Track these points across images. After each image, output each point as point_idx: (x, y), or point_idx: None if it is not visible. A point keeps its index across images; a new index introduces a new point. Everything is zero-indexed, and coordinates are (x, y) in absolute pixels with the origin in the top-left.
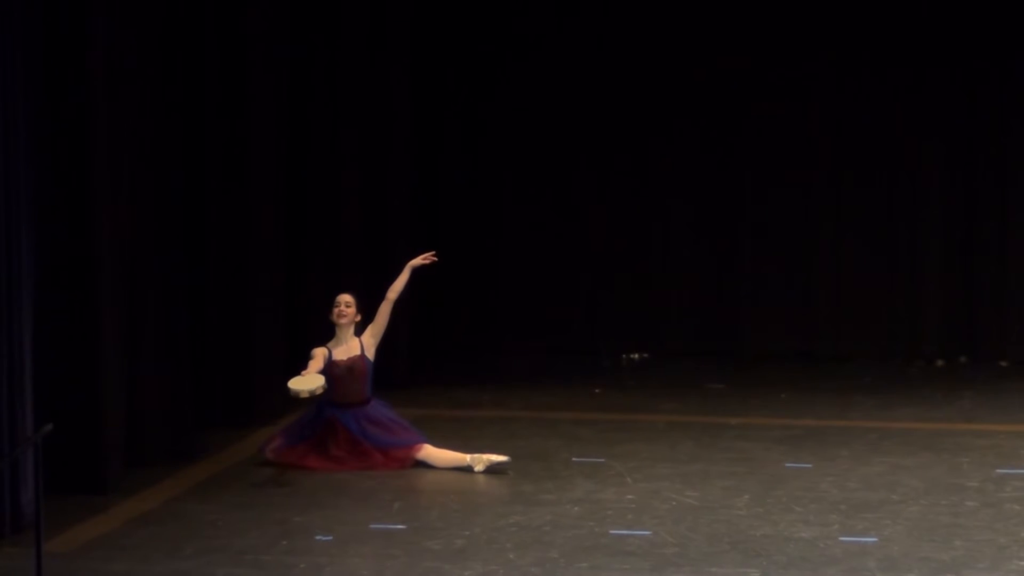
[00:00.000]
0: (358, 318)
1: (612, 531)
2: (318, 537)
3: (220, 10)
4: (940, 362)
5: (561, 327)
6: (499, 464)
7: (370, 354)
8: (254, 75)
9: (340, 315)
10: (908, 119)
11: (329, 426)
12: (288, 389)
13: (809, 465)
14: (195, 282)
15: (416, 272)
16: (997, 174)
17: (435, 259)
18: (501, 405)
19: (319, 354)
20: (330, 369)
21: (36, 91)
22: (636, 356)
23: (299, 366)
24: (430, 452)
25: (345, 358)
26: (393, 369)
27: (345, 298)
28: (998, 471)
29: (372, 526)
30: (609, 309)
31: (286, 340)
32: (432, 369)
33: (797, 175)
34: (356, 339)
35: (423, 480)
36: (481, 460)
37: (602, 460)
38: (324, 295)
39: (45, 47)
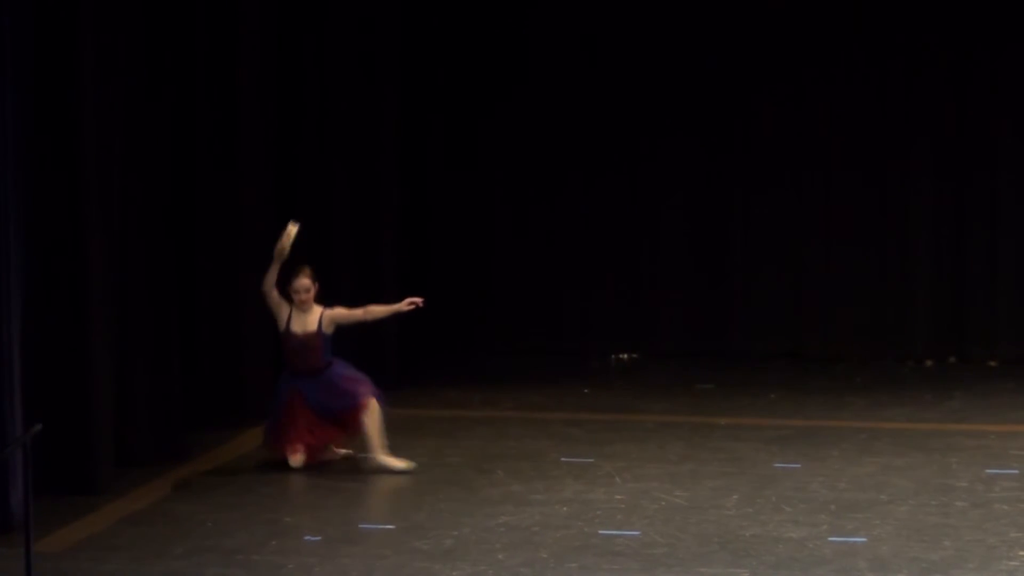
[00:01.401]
0: (317, 288)
1: (601, 531)
2: (307, 537)
3: (210, 12)
4: (929, 362)
5: (551, 328)
6: (396, 469)
7: (328, 331)
8: (244, 77)
9: (302, 302)
10: (897, 120)
11: (290, 408)
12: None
13: (798, 465)
14: (185, 282)
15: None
16: (987, 174)
17: (421, 306)
18: (491, 405)
19: (275, 299)
20: (285, 339)
21: (26, 92)
22: (626, 357)
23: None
24: (367, 423)
25: (301, 332)
26: (383, 370)
27: (303, 283)
28: (987, 471)
29: (361, 526)
30: (599, 309)
31: (276, 340)
32: (422, 369)
33: (786, 176)
34: (317, 311)
35: (412, 480)
36: (378, 461)
37: (592, 460)
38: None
39: (35, 51)
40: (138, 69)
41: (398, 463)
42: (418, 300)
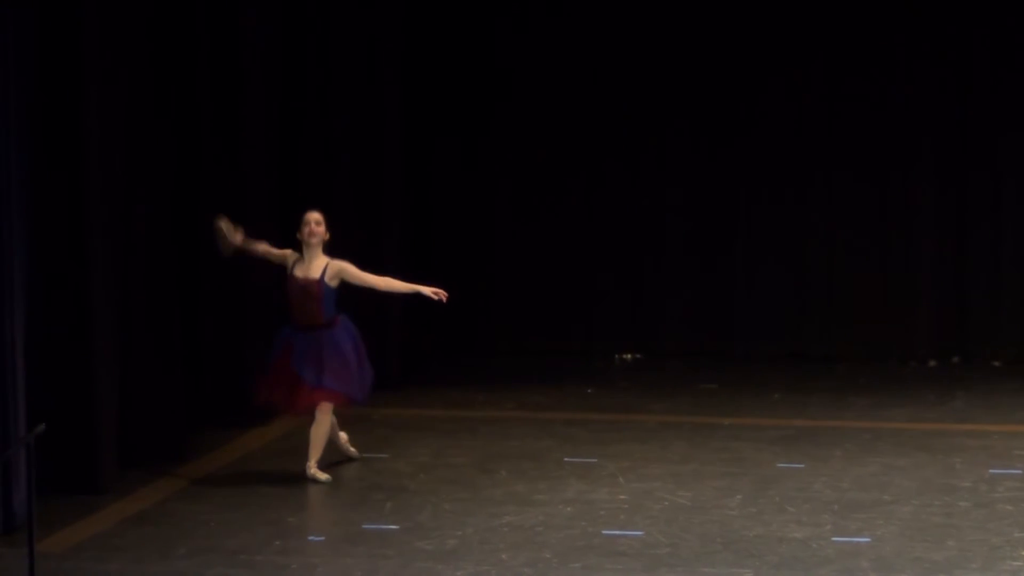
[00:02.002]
0: (327, 236)
1: (605, 531)
2: (311, 537)
3: (212, 12)
4: (933, 362)
5: (554, 328)
6: (318, 480)
7: (332, 283)
8: (248, 76)
9: (311, 234)
10: (900, 119)
11: (276, 362)
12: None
13: (802, 465)
14: (188, 282)
15: (418, 296)
16: (989, 173)
17: (444, 300)
18: (494, 405)
19: (276, 251)
20: (287, 285)
21: (29, 92)
22: (629, 356)
23: None
24: (313, 429)
25: (303, 277)
26: (387, 370)
27: (315, 216)
28: (991, 471)
29: (365, 526)
30: (602, 310)
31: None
32: (426, 370)
33: (789, 176)
34: (323, 260)
35: (416, 480)
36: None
37: (595, 460)
38: None
39: (38, 50)
40: (141, 69)
41: (321, 476)
42: (443, 293)
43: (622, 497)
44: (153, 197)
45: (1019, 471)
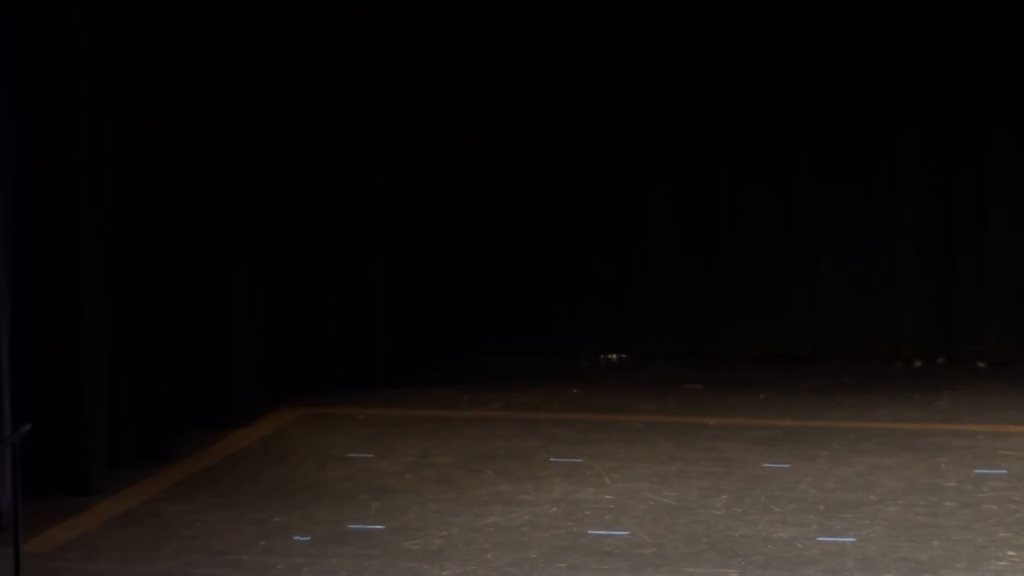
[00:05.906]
0: None
1: (590, 531)
2: (296, 537)
3: (198, 15)
4: (918, 363)
5: (540, 328)
6: None
7: None
8: (233, 78)
9: None
10: (886, 118)
11: None
12: None
13: (787, 465)
14: (172, 283)
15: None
16: (976, 173)
17: None
18: (480, 405)
19: None
20: None
21: (14, 89)
22: (614, 357)
23: (278, 366)
24: None
25: None
26: (372, 370)
27: None
28: (976, 471)
29: (350, 526)
30: (588, 310)
31: (263, 342)
32: (411, 370)
33: (775, 175)
34: None
35: (401, 480)
36: None
37: (580, 460)
38: (302, 297)
39: (23, 42)
40: (127, 66)
41: None
42: None
43: (608, 497)
44: (138, 200)
45: (1004, 471)
